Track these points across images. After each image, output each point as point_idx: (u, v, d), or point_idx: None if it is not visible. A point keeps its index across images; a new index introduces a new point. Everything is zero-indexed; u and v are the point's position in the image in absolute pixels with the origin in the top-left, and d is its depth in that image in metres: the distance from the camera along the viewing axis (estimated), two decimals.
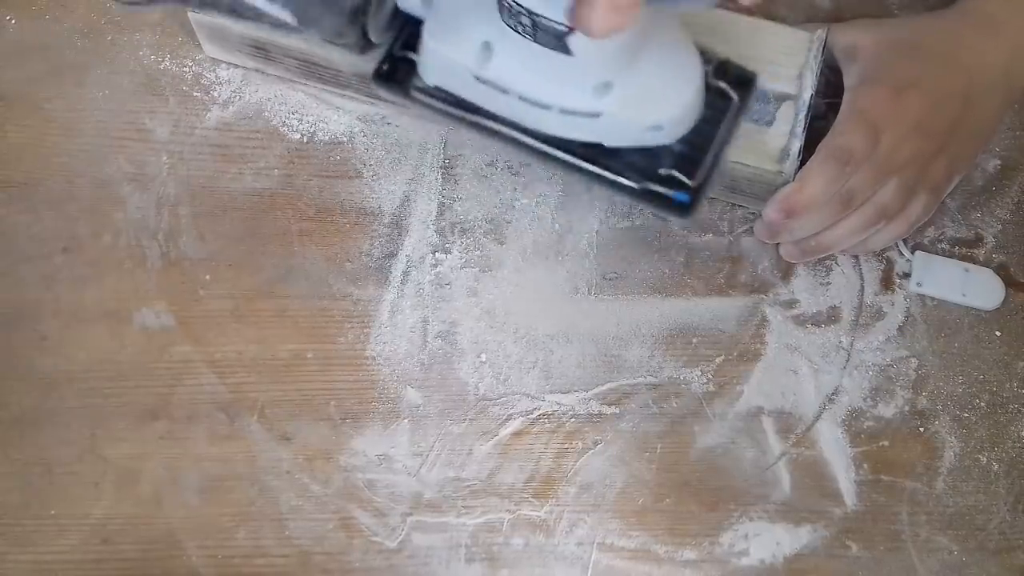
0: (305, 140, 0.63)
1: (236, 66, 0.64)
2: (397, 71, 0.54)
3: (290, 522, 0.56)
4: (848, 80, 0.57)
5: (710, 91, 0.52)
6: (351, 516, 0.56)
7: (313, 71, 0.61)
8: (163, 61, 0.64)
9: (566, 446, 0.58)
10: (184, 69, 0.64)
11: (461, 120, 0.54)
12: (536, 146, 0.53)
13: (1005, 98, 0.58)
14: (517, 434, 0.58)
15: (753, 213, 0.61)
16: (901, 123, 0.54)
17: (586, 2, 0.37)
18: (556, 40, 0.46)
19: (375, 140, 0.63)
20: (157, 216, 0.61)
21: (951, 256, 0.61)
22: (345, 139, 0.63)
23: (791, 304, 0.60)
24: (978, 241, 0.62)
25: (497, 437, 0.58)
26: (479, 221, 0.61)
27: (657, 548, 0.56)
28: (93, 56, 0.64)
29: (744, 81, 0.54)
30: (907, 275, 0.61)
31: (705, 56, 0.52)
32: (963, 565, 0.56)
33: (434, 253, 0.61)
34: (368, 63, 0.57)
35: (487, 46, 0.50)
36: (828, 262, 0.61)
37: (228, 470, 0.57)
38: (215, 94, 0.64)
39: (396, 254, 0.61)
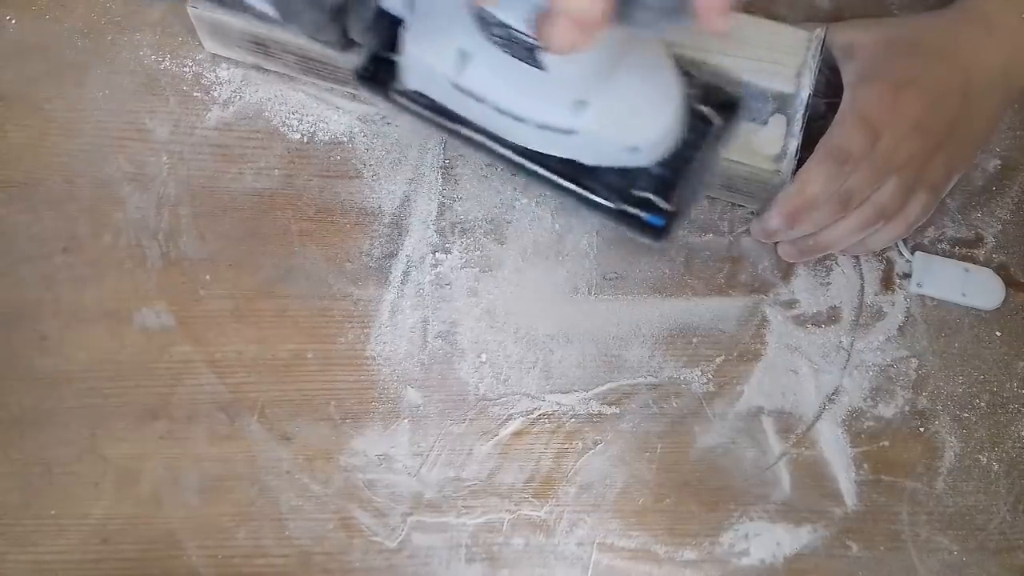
0: (305, 140, 0.63)
1: (236, 64, 0.64)
2: (379, 72, 0.54)
3: (290, 522, 0.56)
4: (847, 78, 0.57)
5: (693, 114, 0.51)
6: (351, 516, 0.56)
7: (312, 67, 0.61)
8: (163, 61, 0.64)
9: (566, 446, 0.58)
10: (184, 69, 0.64)
11: (439, 126, 0.53)
12: (512, 158, 0.52)
13: (1003, 98, 0.58)
14: (517, 434, 0.58)
15: (753, 213, 0.61)
16: (900, 121, 0.54)
17: (547, 18, 0.37)
18: (528, 54, 0.45)
19: (375, 140, 0.63)
20: (157, 216, 0.61)
21: (951, 256, 0.61)
22: (345, 139, 0.63)
23: (791, 304, 0.60)
24: (978, 241, 0.62)
25: (497, 437, 0.58)
26: (479, 221, 0.61)
27: (657, 548, 0.56)
28: (93, 56, 0.64)
29: (728, 105, 0.52)
30: (907, 276, 0.61)
31: (689, 79, 0.51)
32: (963, 565, 0.56)
33: (434, 253, 0.61)
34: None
35: (463, 54, 0.49)
36: (828, 262, 0.61)
37: (228, 470, 0.57)
38: (215, 94, 0.63)
39: (396, 254, 0.61)
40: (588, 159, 0.51)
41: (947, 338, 0.60)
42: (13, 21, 0.65)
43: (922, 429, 0.58)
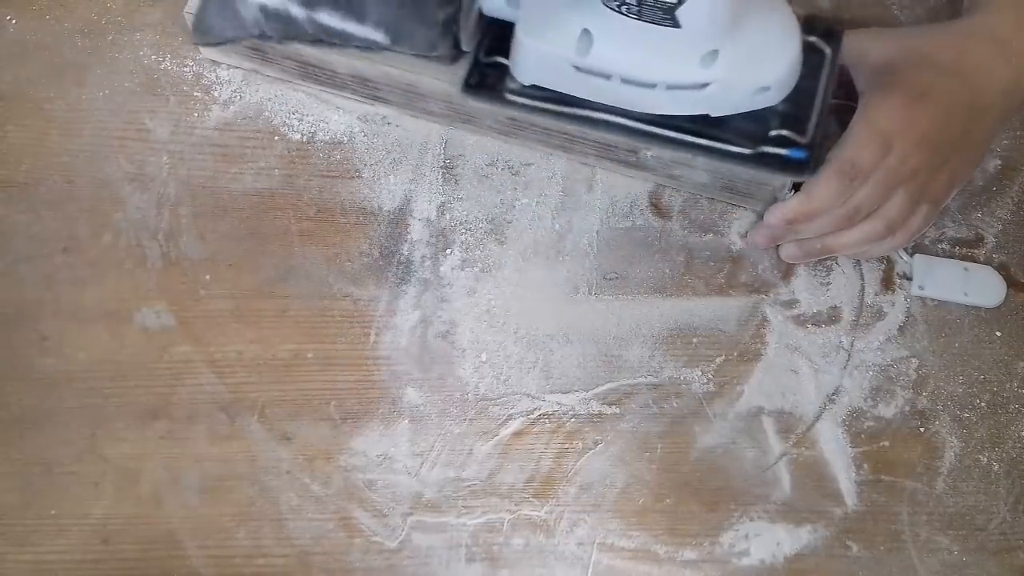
0: (305, 140, 0.63)
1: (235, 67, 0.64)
2: (487, 78, 0.55)
3: (290, 522, 0.56)
4: (860, 85, 0.57)
5: (806, 47, 0.53)
6: (351, 516, 0.56)
7: (310, 72, 0.61)
8: (163, 61, 0.64)
9: (566, 446, 0.58)
10: (184, 69, 0.64)
11: (561, 115, 0.55)
12: (642, 128, 0.54)
13: (1003, 115, 0.57)
14: (517, 434, 0.58)
15: (754, 211, 0.61)
16: (911, 133, 0.54)
17: None
18: (664, 14, 0.46)
19: (375, 140, 0.63)
20: (157, 216, 0.61)
21: (951, 256, 0.61)
22: (345, 139, 0.63)
23: (791, 304, 0.60)
24: (979, 241, 0.62)
25: (497, 437, 0.58)
26: (479, 221, 0.61)
27: (657, 548, 0.56)
28: (93, 56, 0.64)
29: (831, 33, 0.55)
30: (907, 277, 0.61)
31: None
32: (963, 565, 0.56)
33: (434, 253, 0.61)
34: (372, 65, 0.58)
35: (587, 34, 0.50)
36: (828, 262, 0.61)
37: (228, 470, 0.57)
38: (215, 94, 0.63)
39: (396, 254, 0.61)
40: (719, 110, 0.53)
41: (947, 338, 0.60)
42: (13, 21, 0.65)
43: (922, 429, 0.58)
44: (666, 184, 0.61)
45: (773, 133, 0.53)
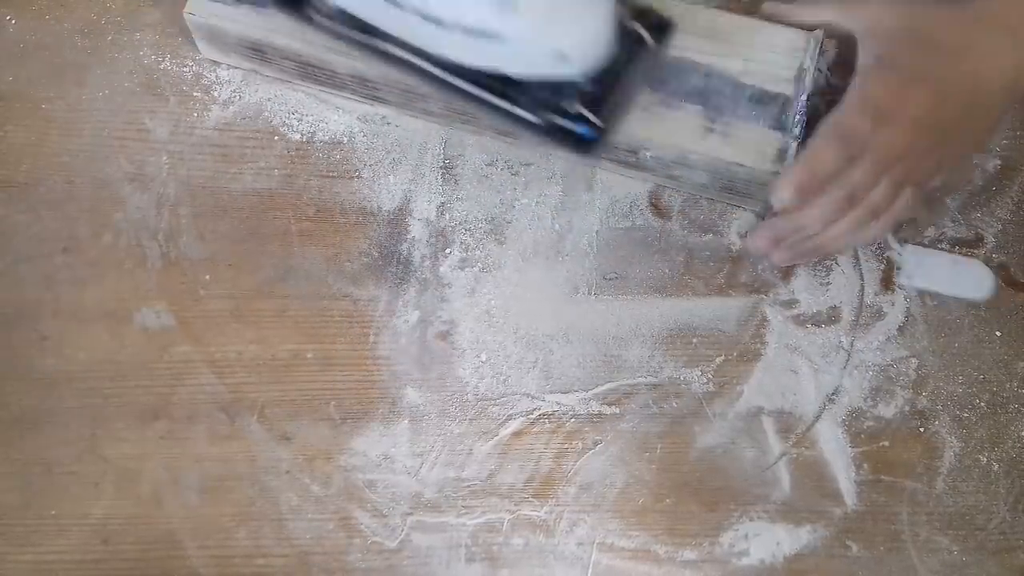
0: (305, 140, 0.63)
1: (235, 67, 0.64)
2: None
3: (290, 522, 0.56)
4: (862, 58, 0.56)
5: (626, 33, 0.51)
6: (351, 516, 0.56)
7: (309, 72, 0.61)
8: (163, 61, 0.64)
9: (566, 446, 0.58)
10: (184, 69, 0.64)
11: (362, 45, 0.53)
12: (438, 74, 0.52)
13: (1005, 103, 0.57)
14: (517, 434, 0.58)
15: (753, 211, 0.61)
16: (902, 115, 0.54)
17: None
18: None
19: (375, 140, 0.63)
20: (157, 216, 0.61)
21: None
22: (345, 139, 0.63)
23: (791, 304, 0.60)
24: (978, 241, 0.62)
25: (497, 437, 0.58)
26: (479, 221, 0.61)
27: (657, 548, 0.56)
28: (93, 56, 0.64)
29: (663, 27, 0.53)
30: (897, 267, 0.61)
31: None
32: (963, 565, 0.56)
33: (434, 253, 0.61)
34: (371, 65, 0.58)
35: None
36: (828, 262, 0.61)
37: (228, 470, 0.57)
38: (215, 94, 0.64)
39: (396, 254, 0.61)
40: (515, 68, 0.51)
41: (947, 338, 0.60)
42: (13, 21, 0.65)
43: (922, 429, 0.58)
44: (665, 184, 0.61)
45: (572, 110, 0.52)
